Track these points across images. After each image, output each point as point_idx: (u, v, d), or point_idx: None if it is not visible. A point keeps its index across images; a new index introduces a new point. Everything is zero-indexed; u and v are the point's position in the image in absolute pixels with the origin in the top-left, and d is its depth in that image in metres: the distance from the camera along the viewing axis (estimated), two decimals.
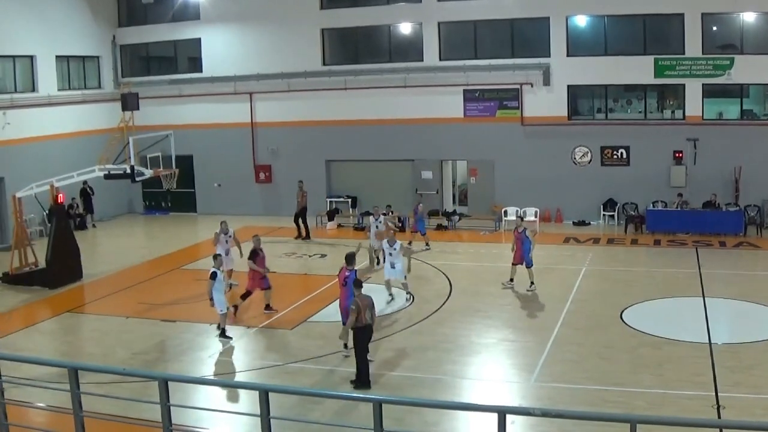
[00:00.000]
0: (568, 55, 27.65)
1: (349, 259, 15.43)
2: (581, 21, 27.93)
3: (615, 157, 27.71)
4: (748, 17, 25.97)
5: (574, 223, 28.03)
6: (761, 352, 14.79)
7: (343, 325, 14.30)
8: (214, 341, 16.45)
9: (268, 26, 30.53)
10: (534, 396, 13.18)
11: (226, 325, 16.50)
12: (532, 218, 27.50)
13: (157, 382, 8.01)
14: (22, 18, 27.73)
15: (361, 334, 13.47)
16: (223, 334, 16.42)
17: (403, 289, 18.99)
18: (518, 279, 19.70)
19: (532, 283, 19.53)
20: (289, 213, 27.56)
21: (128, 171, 22.74)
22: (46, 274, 21.35)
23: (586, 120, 28.32)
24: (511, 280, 19.78)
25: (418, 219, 25.01)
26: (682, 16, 26.24)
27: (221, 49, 31.25)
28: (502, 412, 6.99)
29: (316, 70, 30.03)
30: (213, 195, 32.17)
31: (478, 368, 14.95)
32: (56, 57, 29.46)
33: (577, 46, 27.72)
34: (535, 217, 27.59)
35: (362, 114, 29.86)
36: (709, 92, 26.68)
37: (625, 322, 16.84)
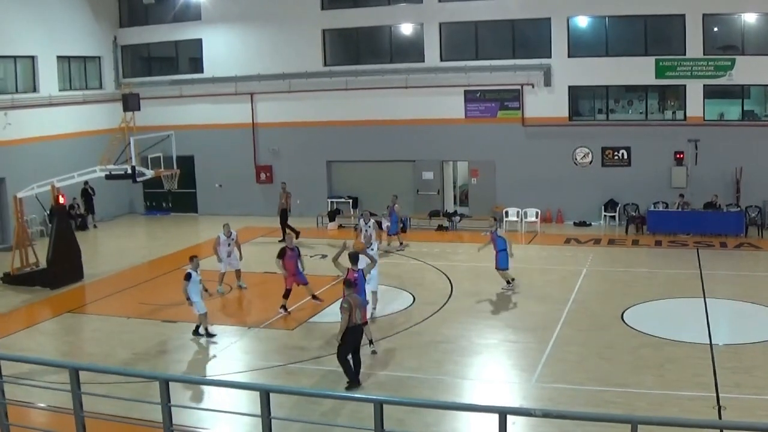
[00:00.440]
0: (569, 56, 27.66)
1: (354, 259, 15.44)
2: (582, 22, 27.92)
3: (616, 157, 27.70)
4: (749, 18, 25.96)
5: (575, 224, 28.03)
6: (762, 353, 14.79)
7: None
8: (215, 341, 16.47)
9: (269, 27, 30.55)
10: (535, 397, 13.17)
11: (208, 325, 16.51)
12: (533, 219, 27.55)
13: (158, 383, 8.02)
14: (23, 18, 27.76)
15: (351, 334, 13.47)
16: (205, 333, 16.42)
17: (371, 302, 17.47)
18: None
19: (508, 282, 19.54)
20: (289, 213, 27.48)
21: (129, 171, 22.78)
22: (47, 274, 21.36)
23: (587, 121, 28.31)
24: (508, 282, 19.67)
25: (393, 219, 24.79)
26: (683, 17, 26.25)
27: (222, 50, 31.27)
28: (503, 413, 6.99)
29: (317, 71, 30.04)
30: (214, 195, 32.17)
31: (479, 369, 14.96)
32: (57, 57, 29.50)
33: (578, 47, 27.72)
34: (536, 217, 27.60)
35: (363, 114, 29.87)
36: (710, 93, 26.67)
37: (626, 323, 16.83)
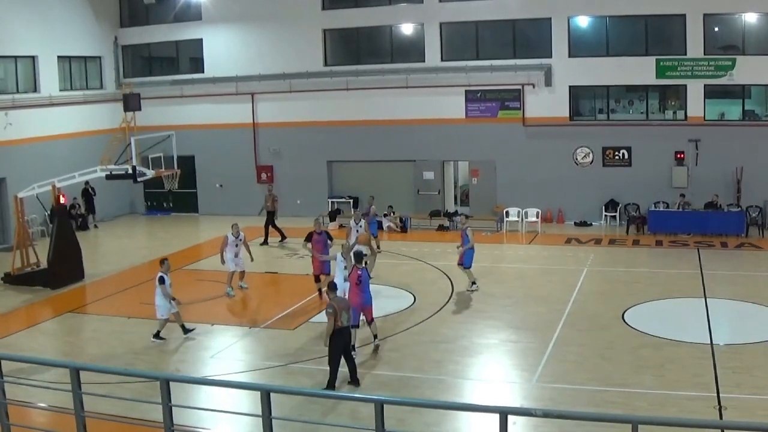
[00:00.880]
0: (570, 56, 27.64)
1: (359, 258, 15.43)
2: (583, 22, 27.91)
3: (617, 157, 27.69)
4: (750, 18, 25.95)
5: (575, 224, 28.02)
6: (763, 353, 14.78)
7: (353, 326, 14.28)
8: (216, 341, 16.50)
9: (269, 27, 30.54)
10: (535, 396, 13.17)
11: (162, 329, 16.48)
12: (533, 219, 27.54)
13: (159, 383, 8.02)
14: (23, 18, 27.76)
15: (338, 336, 13.43)
16: (157, 335, 16.40)
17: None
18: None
19: (473, 282, 19.49)
20: (289, 213, 27.52)
21: (130, 171, 22.76)
22: (47, 274, 21.36)
23: (588, 121, 28.30)
24: (473, 283, 19.52)
25: (370, 221, 23.87)
26: (683, 16, 26.23)
27: (223, 50, 31.27)
28: (504, 413, 6.98)
29: (317, 71, 30.04)
30: (215, 195, 32.15)
31: (480, 369, 14.95)
32: (58, 57, 29.49)
33: (579, 47, 27.71)
34: (537, 217, 27.59)
35: (364, 114, 29.86)
36: (711, 93, 26.66)
37: (626, 323, 16.82)
